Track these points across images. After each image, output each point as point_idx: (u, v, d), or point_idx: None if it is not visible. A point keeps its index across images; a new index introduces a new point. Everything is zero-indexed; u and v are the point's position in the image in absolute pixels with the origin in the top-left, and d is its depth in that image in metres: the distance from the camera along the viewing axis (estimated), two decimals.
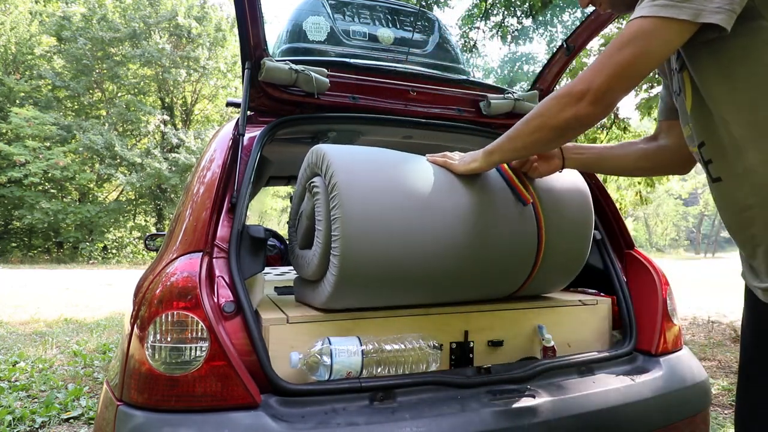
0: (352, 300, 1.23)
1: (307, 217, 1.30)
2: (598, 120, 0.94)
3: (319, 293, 1.24)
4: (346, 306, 1.25)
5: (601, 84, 0.86)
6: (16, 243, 16.91)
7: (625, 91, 0.87)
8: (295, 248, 1.43)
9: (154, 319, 1.06)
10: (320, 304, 1.25)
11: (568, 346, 1.48)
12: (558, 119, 0.96)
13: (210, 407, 1.02)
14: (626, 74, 0.84)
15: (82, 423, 2.40)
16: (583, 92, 0.89)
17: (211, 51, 18.64)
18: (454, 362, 1.35)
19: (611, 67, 0.84)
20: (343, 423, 1.03)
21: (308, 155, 1.30)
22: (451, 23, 6.78)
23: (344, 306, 1.25)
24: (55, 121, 16.18)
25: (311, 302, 1.30)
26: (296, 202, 1.43)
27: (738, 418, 0.97)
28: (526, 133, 1.05)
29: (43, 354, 3.75)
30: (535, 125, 1.02)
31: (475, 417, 1.10)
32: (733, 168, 0.83)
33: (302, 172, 1.35)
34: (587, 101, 0.89)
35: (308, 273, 1.29)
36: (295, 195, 1.44)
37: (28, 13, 17.83)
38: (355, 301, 1.24)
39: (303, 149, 1.99)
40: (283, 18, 6.36)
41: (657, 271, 1.56)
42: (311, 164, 1.28)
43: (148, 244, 2.81)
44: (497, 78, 10.64)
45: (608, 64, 0.85)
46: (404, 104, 1.77)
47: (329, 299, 1.20)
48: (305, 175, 1.33)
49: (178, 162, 17.03)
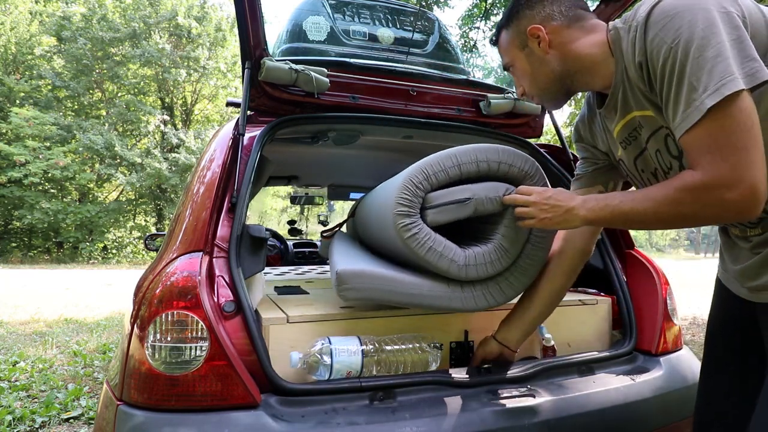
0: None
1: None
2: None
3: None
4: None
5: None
6: (16, 243, 16.89)
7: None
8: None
9: (154, 319, 1.06)
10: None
11: (568, 346, 1.48)
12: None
13: (210, 407, 1.02)
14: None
15: (82, 423, 2.40)
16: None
17: (211, 51, 18.62)
18: (454, 362, 1.35)
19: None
20: (343, 423, 1.03)
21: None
22: (451, 23, 6.79)
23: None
24: (55, 121, 16.15)
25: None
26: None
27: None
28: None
29: (43, 354, 3.75)
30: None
31: (475, 417, 1.11)
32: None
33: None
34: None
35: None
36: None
37: (28, 13, 17.80)
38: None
39: (303, 149, 1.99)
40: (283, 18, 6.36)
41: (657, 271, 1.56)
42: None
43: (148, 244, 2.81)
44: (497, 78, 10.64)
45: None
46: (404, 104, 1.77)
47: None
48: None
49: (178, 162, 17.01)
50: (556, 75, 1.03)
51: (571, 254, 1.23)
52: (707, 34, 0.76)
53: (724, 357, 1.06)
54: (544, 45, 1.01)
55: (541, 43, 1.01)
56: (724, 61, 0.75)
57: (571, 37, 0.99)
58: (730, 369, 1.05)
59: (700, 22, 0.76)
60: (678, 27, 0.78)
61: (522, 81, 1.10)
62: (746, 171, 0.76)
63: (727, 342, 1.06)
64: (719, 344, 1.08)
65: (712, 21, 0.76)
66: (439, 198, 1.23)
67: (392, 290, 1.20)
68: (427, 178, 1.23)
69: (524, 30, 1.02)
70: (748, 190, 0.76)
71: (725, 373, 1.06)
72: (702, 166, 0.79)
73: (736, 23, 0.77)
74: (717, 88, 0.75)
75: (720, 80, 0.74)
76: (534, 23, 1.01)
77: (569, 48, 1.00)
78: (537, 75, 1.05)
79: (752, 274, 0.91)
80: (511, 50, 1.08)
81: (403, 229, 1.19)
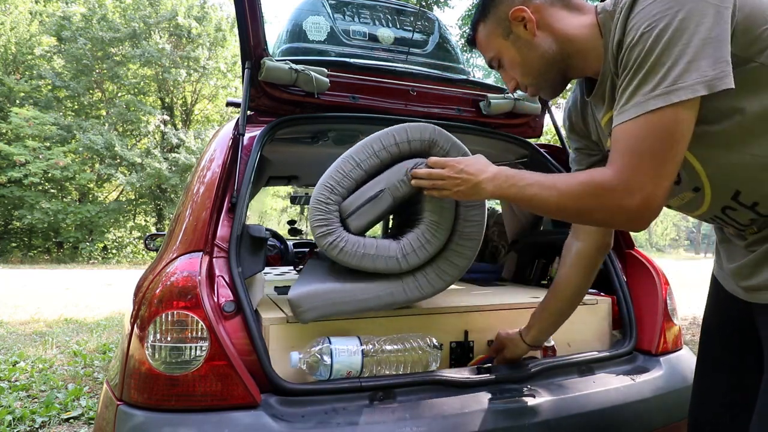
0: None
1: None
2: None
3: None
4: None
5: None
6: (16, 243, 16.88)
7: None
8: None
9: (154, 319, 1.06)
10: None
11: (568, 346, 1.48)
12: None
13: (210, 407, 1.02)
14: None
15: (82, 423, 2.40)
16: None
17: (211, 51, 18.62)
18: (454, 362, 1.35)
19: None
20: (343, 422, 1.03)
21: None
22: (451, 23, 6.78)
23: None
24: (55, 121, 16.15)
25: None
26: None
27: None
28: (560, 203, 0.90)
29: (43, 354, 3.75)
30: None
31: (475, 417, 1.10)
32: None
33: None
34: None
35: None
36: None
37: (28, 13, 17.80)
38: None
39: (303, 149, 1.99)
40: (283, 18, 6.36)
41: (657, 271, 1.56)
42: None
43: (148, 244, 2.81)
44: (497, 78, 10.65)
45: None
46: (404, 104, 1.77)
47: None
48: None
49: (178, 162, 17.01)
50: (548, 58, 0.94)
51: (588, 251, 1.17)
52: (684, 27, 0.71)
53: (722, 357, 1.04)
54: (531, 26, 0.93)
55: (528, 24, 0.93)
56: (686, 63, 0.71)
57: (558, 16, 0.93)
58: (727, 369, 1.02)
59: (683, 11, 0.71)
60: (658, 12, 0.74)
61: (513, 72, 1.01)
62: (650, 181, 0.75)
63: (725, 342, 1.04)
64: (717, 344, 1.06)
65: (696, 12, 0.71)
66: (354, 202, 1.24)
67: (344, 301, 1.21)
68: (332, 190, 1.23)
69: (505, 16, 0.95)
70: (647, 201, 0.76)
71: (722, 372, 1.03)
72: (616, 167, 0.78)
73: (725, 18, 0.71)
74: (667, 91, 0.72)
75: (673, 83, 0.71)
76: (515, 5, 0.94)
77: (558, 27, 0.93)
78: (528, 61, 0.97)
79: (747, 273, 0.88)
80: (494, 42, 1.00)
81: (330, 247, 1.21)
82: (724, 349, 1.04)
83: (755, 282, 0.86)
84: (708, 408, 1.06)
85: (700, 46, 0.70)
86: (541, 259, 2.05)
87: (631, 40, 0.77)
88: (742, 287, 0.91)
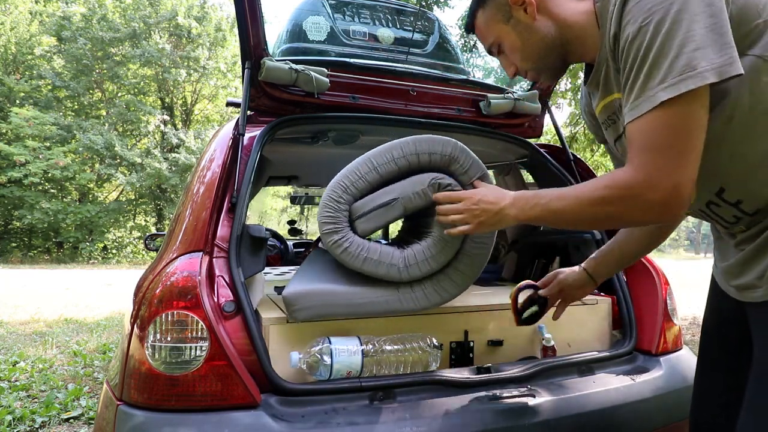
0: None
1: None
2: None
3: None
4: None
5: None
6: (16, 243, 16.89)
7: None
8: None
9: (154, 319, 1.06)
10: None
11: (568, 346, 1.48)
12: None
13: (210, 407, 1.02)
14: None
15: (82, 423, 2.40)
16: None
17: (211, 51, 18.62)
18: (454, 362, 1.35)
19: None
20: (343, 422, 1.03)
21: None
22: (451, 23, 6.76)
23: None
24: (55, 121, 16.15)
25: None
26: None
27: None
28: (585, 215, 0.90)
29: (43, 354, 3.75)
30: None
31: (475, 417, 1.10)
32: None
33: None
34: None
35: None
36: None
37: (28, 13, 17.80)
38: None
39: (303, 149, 1.99)
40: (283, 18, 6.35)
41: (657, 271, 1.56)
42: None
43: (148, 244, 2.81)
44: (497, 78, 10.63)
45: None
46: (404, 104, 1.77)
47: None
48: None
49: (178, 162, 17.01)
50: (548, 42, 0.95)
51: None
52: (681, 18, 0.71)
53: (719, 357, 1.04)
54: (532, 10, 0.93)
55: (528, 8, 0.94)
56: (691, 51, 0.70)
57: (558, 1, 0.93)
58: (724, 368, 1.03)
59: (677, 2, 0.71)
60: (653, 5, 0.73)
61: (513, 57, 1.01)
62: (673, 172, 0.74)
63: (722, 341, 1.04)
64: (714, 343, 1.06)
65: (690, 2, 0.71)
66: (365, 206, 1.24)
67: (339, 303, 1.21)
68: (346, 189, 1.23)
69: (505, 1, 0.96)
70: (674, 192, 0.75)
71: (720, 372, 1.04)
72: (635, 165, 0.78)
73: (719, 6, 0.71)
74: (675, 81, 0.71)
75: (681, 73, 0.70)
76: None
77: (557, 12, 0.93)
78: (528, 46, 0.97)
79: (736, 272, 0.88)
80: (494, 27, 1.00)
81: (333, 246, 1.21)
82: (721, 349, 1.04)
83: (744, 281, 0.86)
84: (706, 408, 1.06)
85: (703, 33, 0.70)
86: (541, 259, 2.05)
87: (629, 34, 0.77)
88: (733, 286, 0.91)
